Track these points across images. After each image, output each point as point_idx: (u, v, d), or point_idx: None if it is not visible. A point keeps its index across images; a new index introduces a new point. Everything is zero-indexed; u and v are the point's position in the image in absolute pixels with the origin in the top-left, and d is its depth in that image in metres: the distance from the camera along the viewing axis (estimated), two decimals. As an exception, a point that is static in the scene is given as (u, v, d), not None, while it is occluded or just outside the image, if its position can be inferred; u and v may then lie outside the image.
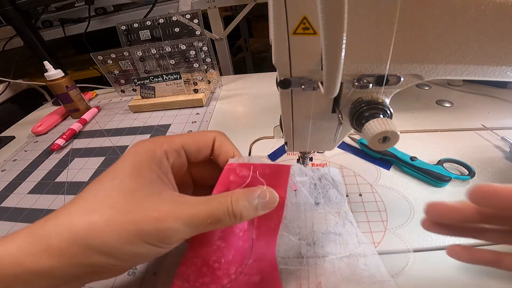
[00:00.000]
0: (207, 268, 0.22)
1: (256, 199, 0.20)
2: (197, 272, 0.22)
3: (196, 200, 0.20)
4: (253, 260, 0.23)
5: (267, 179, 0.23)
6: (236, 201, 0.20)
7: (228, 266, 0.23)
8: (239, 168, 0.23)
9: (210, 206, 0.19)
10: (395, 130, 0.16)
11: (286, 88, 0.19)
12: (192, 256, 0.23)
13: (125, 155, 0.21)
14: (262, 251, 0.24)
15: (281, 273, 0.24)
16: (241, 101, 0.59)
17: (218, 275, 0.22)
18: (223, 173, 0.23)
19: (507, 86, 0.48)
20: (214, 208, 0.19)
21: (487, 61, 0.17)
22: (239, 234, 0.24)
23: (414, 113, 0.45)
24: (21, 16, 0.62)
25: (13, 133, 0.62)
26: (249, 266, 0.23)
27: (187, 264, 0.22)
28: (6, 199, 0.42)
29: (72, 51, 1.15)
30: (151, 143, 0.22)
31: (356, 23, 0.15)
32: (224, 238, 0.23)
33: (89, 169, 0.45)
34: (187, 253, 0.23)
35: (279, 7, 0.15)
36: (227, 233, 0.23)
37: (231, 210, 0.19)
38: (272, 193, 0.21)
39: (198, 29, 0.59)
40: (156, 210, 0.18)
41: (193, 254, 0.23)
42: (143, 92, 0.60)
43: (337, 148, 0.38)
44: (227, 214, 0.19)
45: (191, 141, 0.24)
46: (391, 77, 0.18)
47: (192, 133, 0.25)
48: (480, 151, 0.36)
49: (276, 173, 0.23)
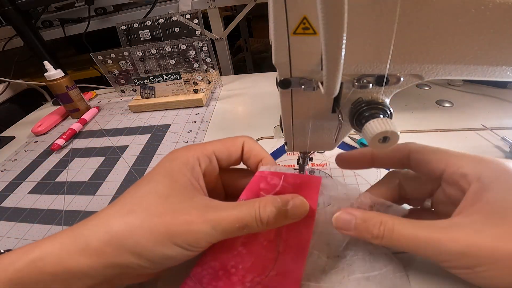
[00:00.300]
0: (223, 272, 0.22)
1: (285, 206, 0.20)
2: (213, 275, 0.22)
3: (225, 204, 0.20)
4: (276, 273, 0.22)
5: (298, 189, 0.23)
6: (264, 207, 0.20)
7: (244, 273, 0.22)
8: (270, 176, 0.24)
9: (239, 211, 0.20)
10: (395, 130, 0.16)
11: (286, 88, 0.19)
12: (211, 259, 0.22)
13: (160, 162, 0.23)
14: (288, 267, 0.22)
15: None
16: (241, 101, 0.59)
17: (232, 281, 0.22)
18: (253, 180, 0.24)
19: (507, 86, 0.48)
20: (242, 213, 0.20)
21: (487, 61, 0.17)
22: (263, 243, 0.23)
23: (414, 113, 0.45)
24: (21, 16, 0.62)
25: (13, 133, 0.62)
26: (270, 279, 0.22)
27: (204, 266, 0.22)
28: (6, 199, 0.42)
29: (72, 51, 1.15)
30: (184, 150, 0.24)
31: (356, 23, 0.15)
32: (247, 244, 0.23)
33: (89, 169, 0.45)
34: (206, 255, 0.23)
35: (279, 7, 0.15)
36: (251, 239, 0.23)
37: (258, 215, 0.20)
38: (302, 201, 0.21)
39: (198, 29, 0.59)
40: (186, 213, 0.19)
41: (212, 258, 0.22)
42: (143, 92, 0.60)
43: (337, 148, 0.38)
44: (254, 219, 0.20)
45: (222, 147, 0.25)
46: (391, 77, 0.18)
47: (222, 139, 0.26)
48: (480, 151, 0.36)
49: (307, 184, 0.24)
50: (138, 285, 0.23)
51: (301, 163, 0.31)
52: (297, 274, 0.22)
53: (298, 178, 0.24)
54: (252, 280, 0.22)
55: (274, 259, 0.23)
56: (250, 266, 0.22)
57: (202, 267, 0.22)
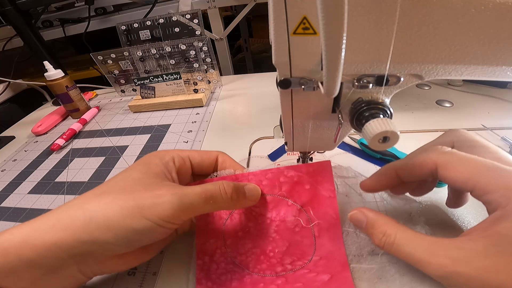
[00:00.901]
0: (264, 256, 0.25)
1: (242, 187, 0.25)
2: (256, 259, 0.25)
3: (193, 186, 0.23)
4: (319, 257, 0.24)
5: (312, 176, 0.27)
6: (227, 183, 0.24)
7: (282, 255, 0.25)
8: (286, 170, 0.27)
9: (204, 186, 0.22)
10: (395, 130, 0.16)
11: (286, 88, 0.19)
12: (252, 247, 0.26)
13: (139, 160, 0.25)
14: (328, 249, 0.24)
15: (353, 272, 0.23)
16: (241, 101, 0.59)
17: (272, 263, 0.24)
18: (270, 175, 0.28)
19: (507, 86, 0.48)
20: (208, 186, 0.22)
21: (487, 61, 0.17)
22: (294, 229, 0.26)
23: (414, 113, 0.45)
24: (21, 16, 0.62)
25: (13, 133, 0.62)
26: (314, 263, 0.24)
27: (248, 254, 0.25)
28: (6, 199, 0.42)
29: (72, 51, 1.15)
30: (162, 150, 0.27)
31: (356, 23, 0.15)
32: (278, 231, 0.26)
33: (89, 169, 0.45)
34: (246, 245, 0.26)
35: (279, 7, 0.15)
36: (281, 227, 0.26)
37: (223, 187, 0.23)
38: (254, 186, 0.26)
39: (198, 29, 0.59)
40: (156, 189, 0.21)
41: (252, 245, 0.26)
42: (143, 92, 0.60)
43: (337, 148, 0.38)
44: (219, 190, 0.23)
45: (197, 154, 0.28)
46: (391, 77, 0.18)
47: (199, 150, 0.29)
48: (480, 151, 0.36)
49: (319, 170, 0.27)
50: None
51: (301, 163, 0.31)
52: (341, 255, 0.24)
53: (310, 166, 0.27)
54: (293, 263, 0.24)
55: (312, 244, 0.25)
56: (286, 249, 0.25)
57: (246, 255, 0.25)
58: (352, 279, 0.22)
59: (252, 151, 0.41)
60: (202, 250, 0.26)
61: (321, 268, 0.23)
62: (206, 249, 0.26)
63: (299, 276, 0.23)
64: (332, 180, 0.26)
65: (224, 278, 0.24)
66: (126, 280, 0.26)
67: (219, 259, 0.25)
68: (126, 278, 0.27)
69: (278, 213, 0.27)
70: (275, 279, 0.23)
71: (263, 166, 0.28)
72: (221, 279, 0.24)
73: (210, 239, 0.27)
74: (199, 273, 0.25)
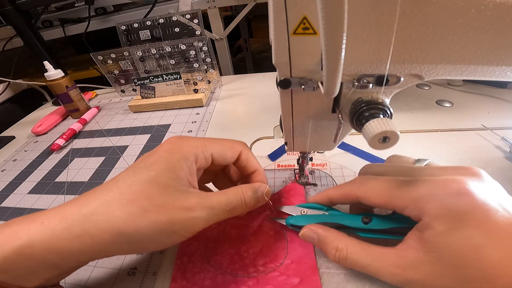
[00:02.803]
0: (238, 256, 0.26)
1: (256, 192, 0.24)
2: (230, 260, 0.26)
3: (215, 193, 0.23)
4: (290, 261, 0.25)
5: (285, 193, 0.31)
6: (246, 192, 0.23)
7: (255, 256, 0.26)
8: None
9: (227, 196, 0.23)
10: (395, 130, 0.16)
11: (286, 88, 0.19)
12: (228, 248, 0.27)
13: (160, 151, 0.23)
14: (299, 254, 0.25)
15: (322, 277, 0.24)
16: (241, 101, 0.59)
17: (245, 263, 0.25)
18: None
19: (507, 86, 0.48)
20: (230, 197, 0.23)
21: (487, 61, 0.17)
22: (269, 232, 0.27)
23: (414, 113, 0.45)
24: (21, 16, 0.62)
25: (13, 133, 0.62)
26: (286, 266, 0.25)
27: (223, 254, 0.26)
28: (6, 199, 0.42)
29: (72, 51, 1.15)
30: (185, 144, 0.24)
31: (356, 23, 0.15)
32: (255, 234, 0.27)
33: (89, 169, 0.45)
34: (223, 246, 0.27)
35: (279, 7, 0.15)
36: (257, 230, 0.27)
37: (243, 199, 0.23)
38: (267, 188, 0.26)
39: (198, 29, 0.59)
40: (185, 201, 0.21)
41: (229, 246, 0.27)
42: (143, 92, 0.60)
43: (337, 148, 0.38)
44: (240, 202, 0.23)
45: (220, 149, 0.26)
46: (391, 77, 0.18)
47: (222, 141, 0.26)
48: (480, 151, 0.36)
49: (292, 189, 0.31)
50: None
51: (301, 163, 0.31)
52: (311, 260, 0.25)
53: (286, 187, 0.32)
54: (265, 265, 0.25)
55: (285, 248, 0.26)
56: (259, 250, 0.26)
57: (221, 255, 0.26)
58: (320, 283, 0.23)
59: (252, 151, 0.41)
60: (183, 251, 0.27)
61: (292, 271, 0.24)
62: (186, 251, 0.27)
63: (270, 278, 0.24)
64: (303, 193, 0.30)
65: (198, 277, 0.25)
66: (126, 280, 0.26)
67: (196, 259, 0.26)
68: (126, 278, 0.27)
69: (258, 221, 0.29)
70: (246, 280, 0.24)
71: (263, 166, 0.29)
72: (195, 277, 0.25)
73: (194, 242, 0.28)
74: (176, 272, 0.26)
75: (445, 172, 0.21)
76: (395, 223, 0.22)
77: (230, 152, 0.26)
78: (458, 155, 0.36)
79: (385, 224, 0.22)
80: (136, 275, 0.27)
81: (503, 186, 0.20)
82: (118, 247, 0.20)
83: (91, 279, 0.27)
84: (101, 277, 0.27)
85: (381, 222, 0.23)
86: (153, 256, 0.28)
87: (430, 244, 0.18)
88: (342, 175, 0.35)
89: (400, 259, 0.19)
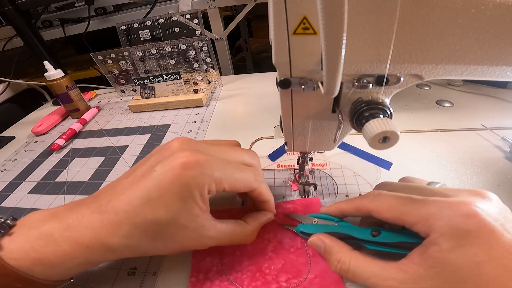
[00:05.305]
0: (260, 273, 0.25)
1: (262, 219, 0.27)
2: (252, 276, 0.25)
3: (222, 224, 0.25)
4: (314, 276, 0.25)
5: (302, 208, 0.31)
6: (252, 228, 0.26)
7: (277, 273, 0.25)
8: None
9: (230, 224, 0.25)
10: (395, 130, 0.16)
11: (286, 88, 0.19)
12: (248, 264, 0.26)
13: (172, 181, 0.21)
14: (322, 268, 0.25)
15: None
16: (241, 101, 0.59)
17: (268, 280, 0.25)
18: None
19: (507, 86, 0.48)
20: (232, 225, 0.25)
21: (487, 61, 0.17)
22: (289, 249, 0.27)
23: (414, 113, 0.45)
24: (21, 16, 0.62)
25: (13, 133, 0.62)
26: (309, 281, 0.24)
27: (243, 271, 0.26)
28: (6, 199, 0.42)
29: (72, 51, 1.15)
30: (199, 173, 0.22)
31: (356, 23, 0.15)
32: (275, 251, 0.27)
33: (89, 169, 0.45)
34: (243, 262, 0.26)
35: (279, 7, 0.15)
36: (278, 247, 0.27)
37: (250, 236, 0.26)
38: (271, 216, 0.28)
39: (198, 29, 0.59)
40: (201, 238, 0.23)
41: (249, 263, 0.26)
42: (143, 92, 0.60)
43: (337, 148, 0.38)
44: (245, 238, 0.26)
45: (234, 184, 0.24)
46: (391, 77, 0.18)
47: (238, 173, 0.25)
48: (480, 151, 0.36)
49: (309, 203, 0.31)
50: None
51: (301, 163, 0.31)
52: (335, 273, 0.24)
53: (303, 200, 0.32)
54: (288, 280, 0.24)
55: (307, 263, 0.26)
56: (281, 267, 0.26)
57: (241, 272, 0.26)
58: None
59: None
60: (197, 267, 0.26)
61: (316, 286, 0.24)
62: (201, 267, 0.26)
63: None
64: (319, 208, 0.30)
65: None
66: (126, 280, 0.26)
67: (214, 276, 0.25)
68: (126, 278, 0.27)
69: (275, 235, 0.28)
70: None
71: (263, 166, 0.29)
72: None
73: (207, 257, 0.27)
74: None
75: (457, 194, 0.21)
76: (403, 237, 0.22)
77: (244, 187, 0.25)
78: (458, 155, 0.36)
79: (393, 238, 0.23)
80: (136, 275, 0.27)
81: (503, 186, 0.20)
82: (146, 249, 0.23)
83: (91, 279, 0.27)
84: (101, 277, 0.27)
85: (389, 236, 0.23)
86: (153, 256, 0.28)
87: (433, 259, 0.18)
88: (342, 175, 0.35)
89: (400, 273, 0.19)
